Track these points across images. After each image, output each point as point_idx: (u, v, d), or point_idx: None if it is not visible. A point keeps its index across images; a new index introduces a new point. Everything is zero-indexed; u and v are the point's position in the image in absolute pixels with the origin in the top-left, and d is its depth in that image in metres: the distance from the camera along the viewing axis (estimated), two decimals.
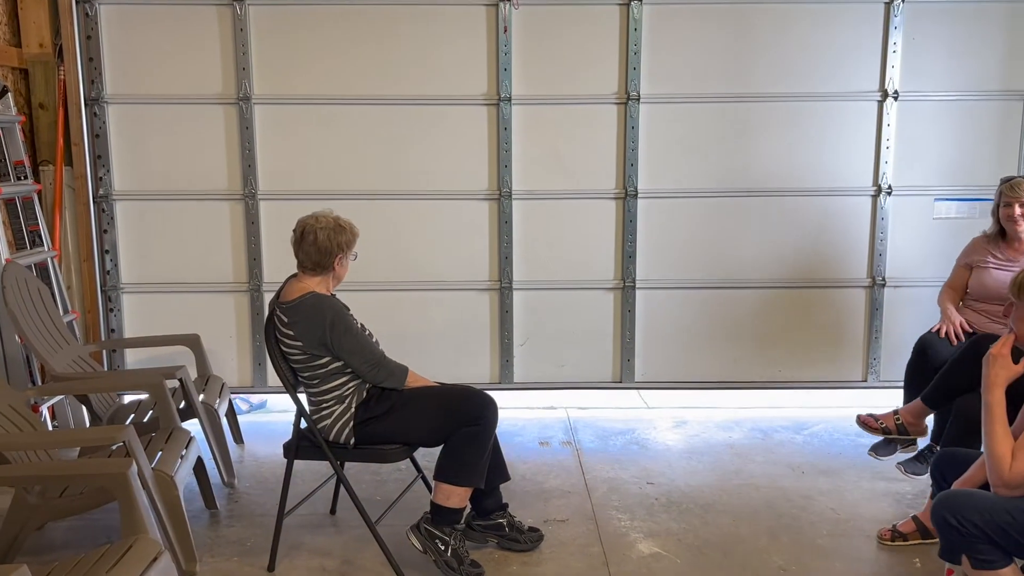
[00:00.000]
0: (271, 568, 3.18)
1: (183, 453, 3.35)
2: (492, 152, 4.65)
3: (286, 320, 3.01)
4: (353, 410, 3.05)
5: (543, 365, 4.85)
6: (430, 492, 3.16)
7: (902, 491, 3.87)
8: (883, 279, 4.78)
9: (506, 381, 4.84)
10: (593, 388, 4.93)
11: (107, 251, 4.70)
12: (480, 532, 3.25)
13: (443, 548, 3.04)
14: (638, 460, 4.27)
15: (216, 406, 4.02)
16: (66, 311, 4.47)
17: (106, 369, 4.71)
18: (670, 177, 4.70)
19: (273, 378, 4.60)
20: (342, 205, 4.15)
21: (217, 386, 4.27)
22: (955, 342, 3.89)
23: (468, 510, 3.22)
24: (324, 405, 3.07)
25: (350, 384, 3.07)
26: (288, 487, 3.18)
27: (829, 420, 4.86)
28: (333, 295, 3.14)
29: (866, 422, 3.96)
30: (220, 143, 4.63)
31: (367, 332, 3.15)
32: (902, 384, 4.11)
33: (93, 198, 4.64)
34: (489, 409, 3.08)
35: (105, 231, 4.68)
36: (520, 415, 4.98)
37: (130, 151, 4.65)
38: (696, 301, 4.82)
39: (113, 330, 4.76)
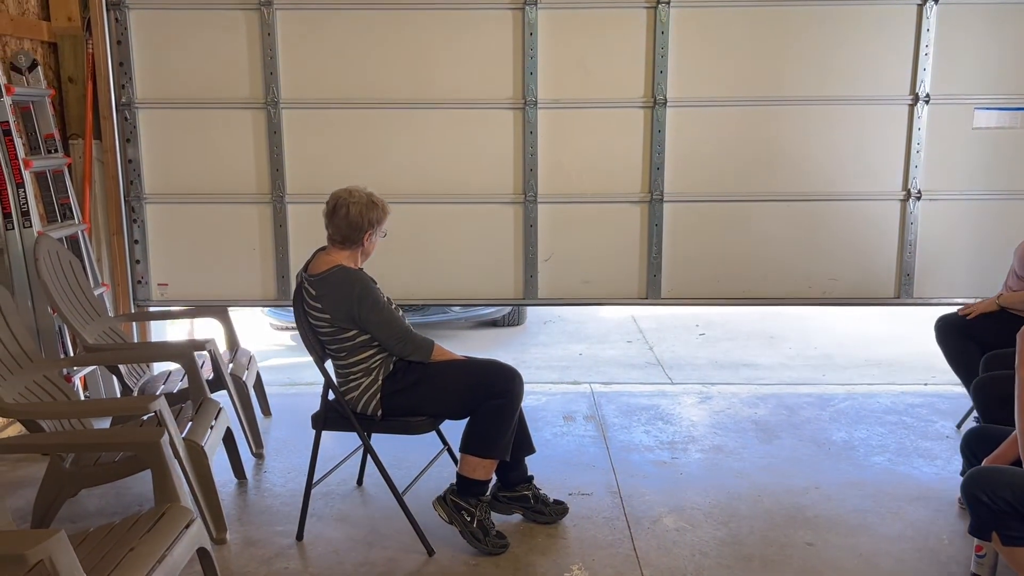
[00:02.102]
0: (299, 537, 3.22)
1: (212, 424, 3.39)
2: (517, 59, 4.56)
3: (314, 293, 3.03)
4: (380, 382, 3.07)
5: (568, 281, 4.79)
6: (456, 464, 3.18)
7: (931, 473, 3.85)
8: (919, 191, 4.65)
9: (530, 296, 4.78)
10: (619, 303, 4.86)
11: (130, 161, 4.70)
12: (506, 504, 3.27)
13: (469, 519, 3.06)
14: (662, 435, 4.27)
15: (244, 378, 4.07)
16: (96, 284, 4.53)
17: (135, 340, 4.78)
18: (701, 86, 4.59)
19: None
20: (365, 114, 4.22)
21: (245, 358, 4.31)
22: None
23: (494, 482, 3.24)
24: (352, 377, 3.09)
25: (377, 357, 3.09)
26: (316, 458, 3.22)
27: (855, 396, 4.83)
28: (360, 269, 3.16)
29: None
30: (242, 41, 4.57)
31: (394, 306, 3.16)
32: (935, 302, 4.10)
33: (116, 105, 4.63)
34: (515, 382, 3.09)
35: (128, 140, 4.68)
36: (544, 389, 4.99)
37: (153, 61, 4.63)
38: (725, 215, 4.73)
39: (136, 241, 4.77)
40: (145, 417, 3.32)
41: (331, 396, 3.20)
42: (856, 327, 6.77)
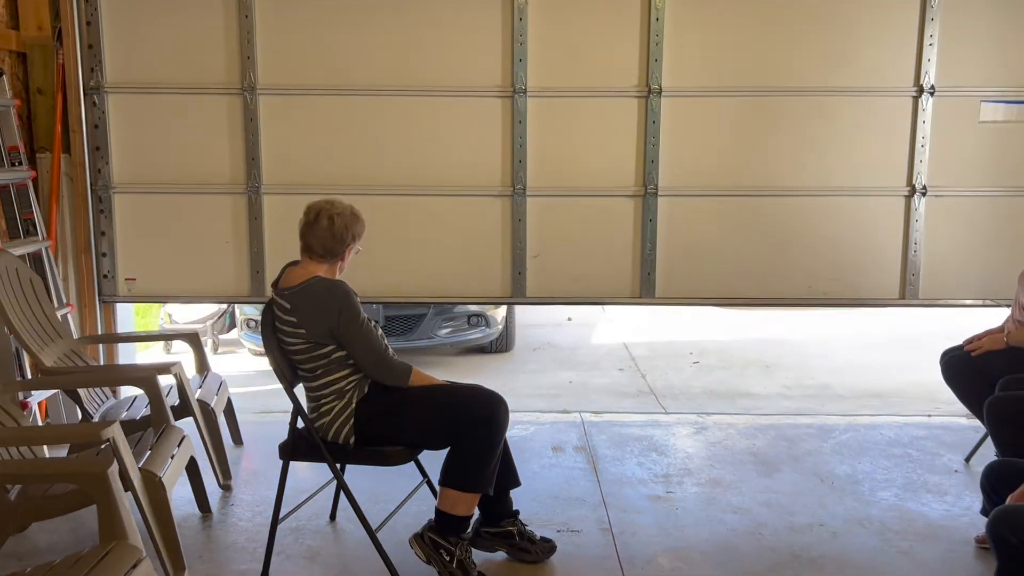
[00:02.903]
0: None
1: (174, 453, 3.15)
2: (505, 45, 4.36)
3: (288, 306, 2.81)
4: (354, 406, 2.84)
5: (557, 279, 4.55)
6: (435, 498, 2.95)
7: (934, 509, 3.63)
8: (923, 187, 4.44)
9: (518, 295, 4.54)
10: (611, 303, 4.62)
11: (98, 148, 4.46)
12: (488, 540, 3.03)
13: (448, 559, 2.83)
14: (656, 467, 4.04)
15: (213, 404, 3.83)
16: (60, 304, 4.29)
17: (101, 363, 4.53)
18: (698, 75, 4.39)
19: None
20: (346, 101, 4.12)
21: (215, 384, 4.08)
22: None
23: (476, 517, 3.00)
24: (324, 401, 2.87)
25: (352, 378, 2.87)
26: (283, 489, 2.98)
27: (856, 428, 4.62)
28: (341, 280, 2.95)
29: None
30: (219, 24, 4.36)
31: (374, 324, 2.95)
32: (942, 303, 3.86)
33: (84, 89, 4.40)
34: (499, 409, 2.87)
35: (96, 127, 4.45)
36: (532, 418, 4.76)
37: (123, 40, 4.41)
38: (722, 211, 4.51)
39: (103, 232, 4.53)
40: (103, 446, 3.08)
41: (300, 424, 2.97)
42: (855, 356, 6.58)
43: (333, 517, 3.44)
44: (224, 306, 6.07)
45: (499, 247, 4.49)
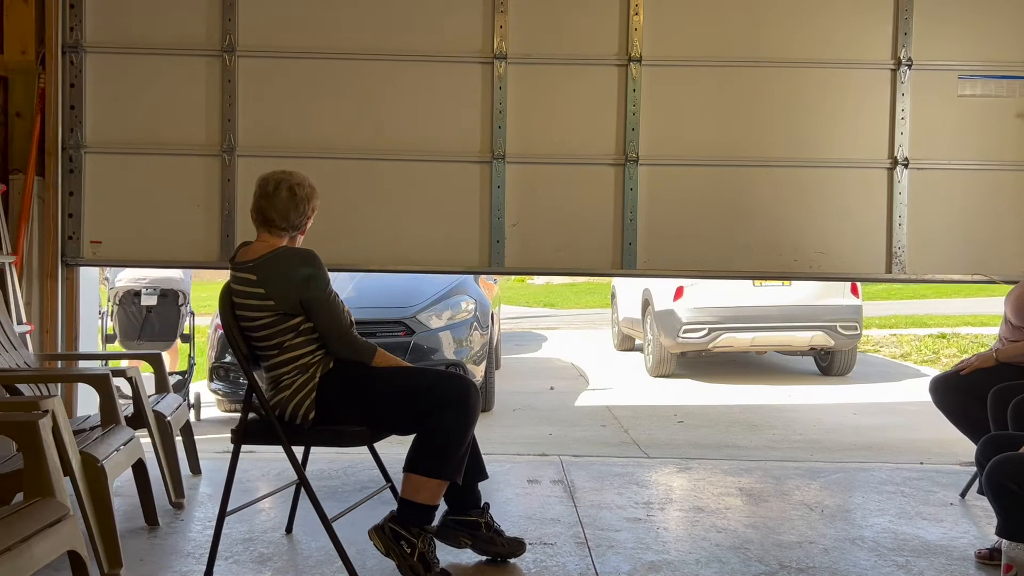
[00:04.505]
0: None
1: (119, 447, 2.95)
2: (487, 9, 4.32)
3: (254, 278, 2.68)
4: (316, 379, 2.68)
5: (537, 249, 4.41)
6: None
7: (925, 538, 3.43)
8: (905, 159, 4.35)
9: (496, 264, 4.37)
10: (591, 275, 4.47)
11: (72, 107, 4.37)
12: (453, 530, 2.81)
13: (409, 551, 2.60)
14: (637, 496, 3.82)
15: (170, 418, 3.63)
16: (19, 322, 4.14)
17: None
18: (679, 46, 4.36)
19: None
20: (327, 65, 4.24)
21: (174, 403, 3.88)
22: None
23: (442, 509, 2.79)
24: (285, 376, 2.70)
25: (318, 352, 2.72)
26: (233, 478, 2.76)
27: (847, 470, 4.42)
28: None
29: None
30: None
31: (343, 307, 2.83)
32: (929, 278, 3.73)
33: (63, 49, 4.33)
34: (470, 392, 2.71)
35: (72, 85, 4.36)
36: (507, 459, 4.54)
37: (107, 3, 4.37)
38: (705, 181, 4.41)
39: (72, 192, 4.38)
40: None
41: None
42: (843, 419, 6.41)
43: (289, 530, 3.20)
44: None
45: (477, 215, 4.38)
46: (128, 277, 5.60)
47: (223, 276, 2.94)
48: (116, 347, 5.53)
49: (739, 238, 4.45)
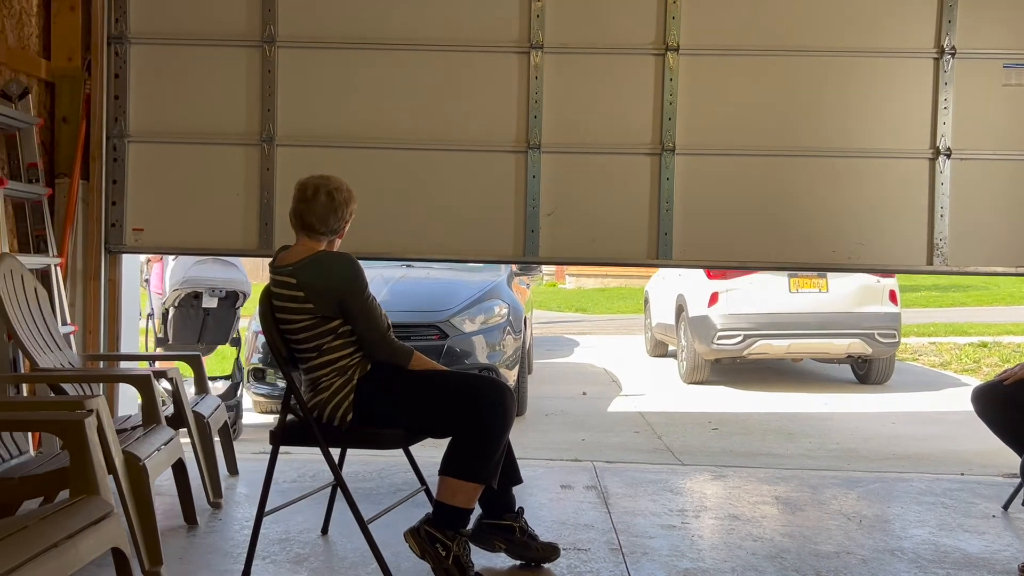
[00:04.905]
0: (246, 575, 2.76)
1: (160, 446, 3.00)
2: (523, 0, 4.32)
3: (294, 282, 2.72)
4: (355, 382, 2.71)
5: (572, 239, 4.40)
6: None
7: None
8: (947, 149, 4.27)
9: (530, 254, 4.38)
10: (626, 265, 4.50)
11: (116, 97, 4.47)
12: (488, 534, 2.81)
13: (444, 554, 2.62)
14: (672, 504, 3.80)
15: (208, 418, 3.69)
16: (64, 322, 4.22)
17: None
18: (716, 35, 4.33)
19: (280, 242, 4.28)
20: (366, 55, 4.23)
21: (213, 404, 3.94)
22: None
23: (477, 513, 2.80)
24: (323, 378, 2.73)
25: (356, 355, 2.75)
26: (271, 478, 2.80)
27: (885, 480, 4.36)
28: None
29: None
30: None
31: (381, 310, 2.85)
32: (971, 271, 3.63)
33: (108, 40, 4.43)
34: (505, 396, 2.72)
35: (117, 76, 4.46)
36: (539, 463, 4.54)
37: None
38: (743, 171, 4.36)
39: (115, 180, 4.48)
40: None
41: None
42: (880, 428, 6.31)
43: (325, 531, 3.23)
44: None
45: (512, 205, 4.39)
46: (186, 279, 5.36)
47: (261, 278, 2.97)
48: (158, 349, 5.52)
49: (777, 229, 4.40)
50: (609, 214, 4.40)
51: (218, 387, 5.24)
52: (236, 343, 5.74)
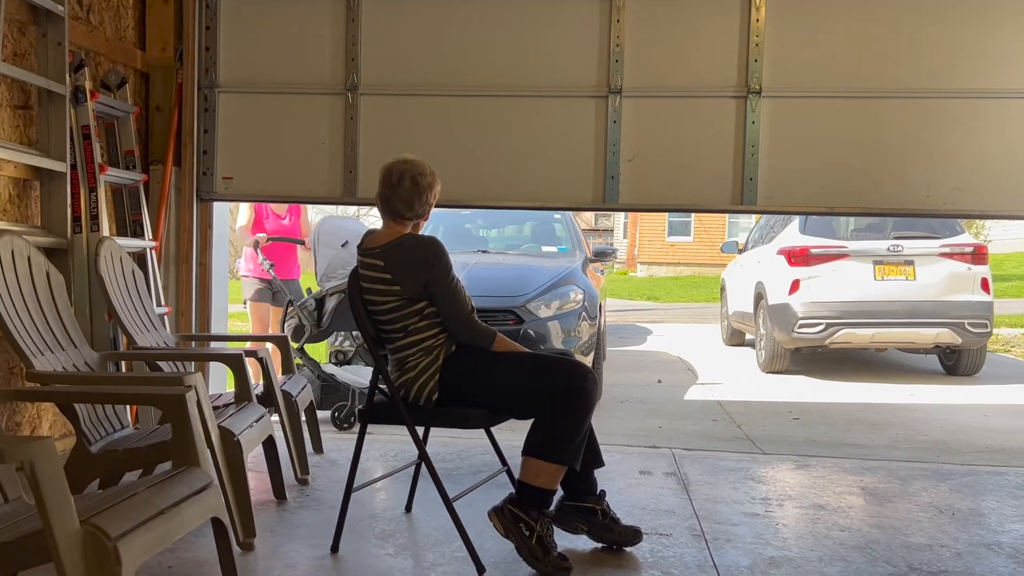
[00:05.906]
0: (334, 549, 2.84)
1: (252, 424, 3.10)
2: None
3: (382, 264, 2.77)
4: (440, 362, 2.76)
5: (652, 185, 4.34)
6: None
7: None
8: None
9: (610, 201, 4.34)
10: (709, 211, 4.42)
11: (207, 49, 4.61)
12: (570, 515, 2.83)
13: (528, 533, 2.64)
14: (754, 492, 3.75)
15: (295, 397, 3.79)
16: (159, 304, 4.39)
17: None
18: None
19: (364, 191, 4.43)
20: (442, 4, 4.19)
21: (300, 384, 4.05)
22: None
23: (559, 495, 2.81)
24: (410, 358, 2.78)
25: (441, 336, 2.79)
26: (359, 455, 2.87)
27: (978, 473, 4.20)
28: None
29: None
30: None
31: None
32: None
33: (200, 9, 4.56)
34: (588, 378, 2.72)
35: (208, 28, 4.59)
36: (617, 449, 4.52)
37: None
38: (832, 113, 4.22)
39: (206, 130, 4.63)
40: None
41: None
42: (972, 420, 6.08)
43: (409, 508, 3.29)
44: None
45: (592, 151, 4.35)
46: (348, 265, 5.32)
47: None
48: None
49: (868, 173, 4.24)
50: (691, 159, 4.32)
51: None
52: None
